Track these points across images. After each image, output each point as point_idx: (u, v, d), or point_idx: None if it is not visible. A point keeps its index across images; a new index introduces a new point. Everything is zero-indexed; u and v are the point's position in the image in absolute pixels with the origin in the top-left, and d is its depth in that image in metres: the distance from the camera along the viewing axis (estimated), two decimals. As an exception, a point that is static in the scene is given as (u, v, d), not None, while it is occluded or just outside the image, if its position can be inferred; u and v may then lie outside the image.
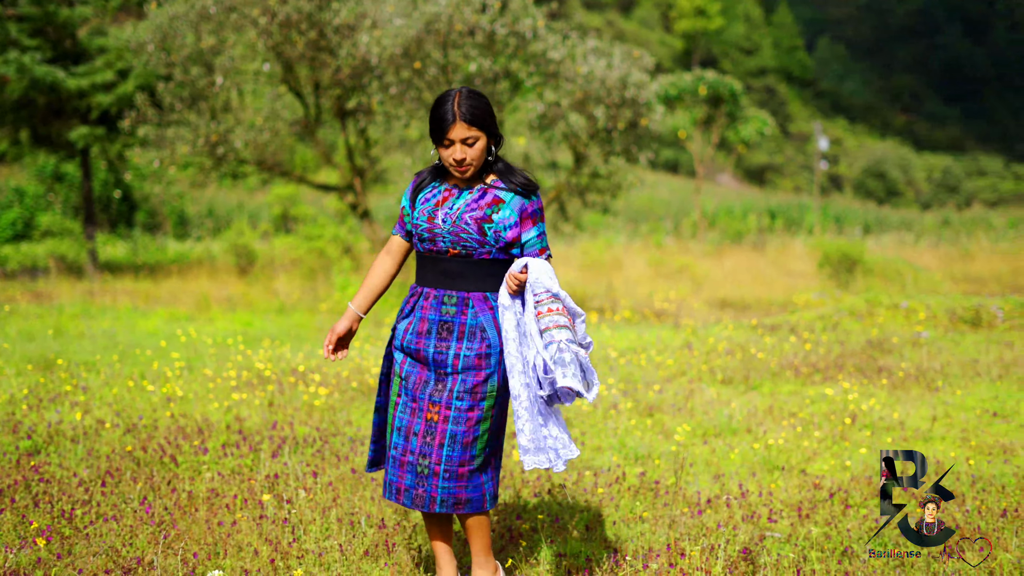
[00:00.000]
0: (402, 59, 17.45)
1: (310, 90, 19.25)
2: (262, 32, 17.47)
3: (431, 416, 4.98)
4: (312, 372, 10.60)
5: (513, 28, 17.58)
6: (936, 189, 77.06)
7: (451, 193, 5.04)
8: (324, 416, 8.86)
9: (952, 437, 8.49)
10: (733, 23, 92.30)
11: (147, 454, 7.33)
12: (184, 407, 8.95)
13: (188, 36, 17.73)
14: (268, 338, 13.71)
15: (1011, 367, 11.34)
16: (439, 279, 5.01)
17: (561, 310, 4.89)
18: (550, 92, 18.05)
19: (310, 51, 17.77)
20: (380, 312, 16.79)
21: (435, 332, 4.99)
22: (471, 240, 4.94)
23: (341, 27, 17.53)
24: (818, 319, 15.19)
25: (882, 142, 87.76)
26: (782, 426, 8.89)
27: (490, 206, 4.97)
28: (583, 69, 17.76)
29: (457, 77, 18.05)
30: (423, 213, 5.03)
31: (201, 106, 18.36)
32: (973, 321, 14.92)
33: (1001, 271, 28.25)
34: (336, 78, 18.00)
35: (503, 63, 18.06)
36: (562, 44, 18.06)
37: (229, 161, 18.69)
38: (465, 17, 17.22)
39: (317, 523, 6.11)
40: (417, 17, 17.26)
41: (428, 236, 5.00)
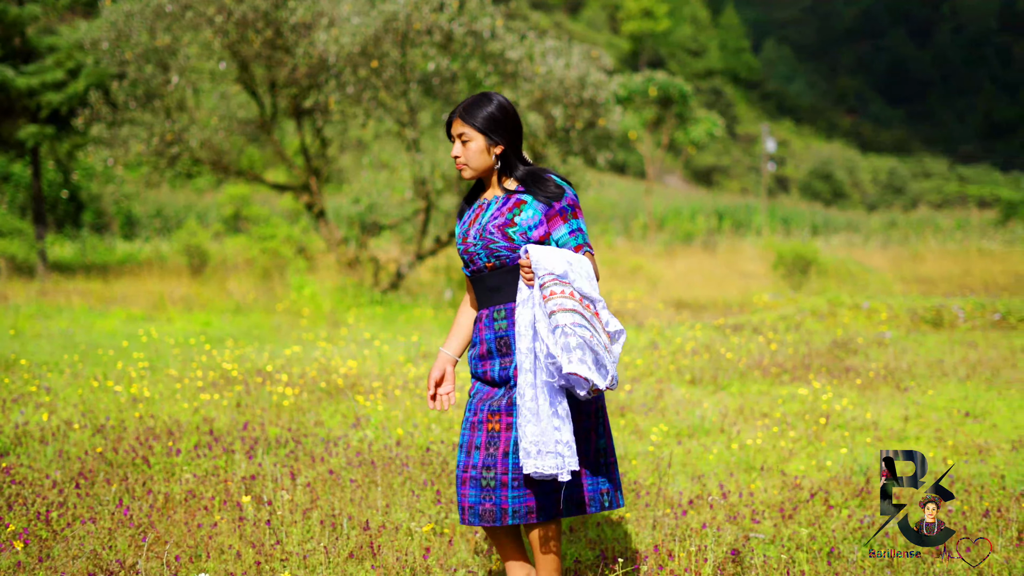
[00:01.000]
0: (360, 58, 17.35)
1: (265, 89, 19.10)
2: (218, 30, 17.33)
3: (492, 426, 4.81)
4: (278, 372, 10.49)
5: (471, 27, 17.51)
6: (882, 191, 77.56)
7: (481, 208, 4.91)
8: (293, 417, 8.77)
9: (927, 437, 8.50)
10: (680, 25, 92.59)
11: (118, 455, 7.22)
12: (151, 408, 8.83)
13: (143, 35, 17.55)
14: (230, 338, 13.60)
15: (977, 367, 11.39)
16: (487, 297, 4.87)
17: (569, 293, 4.61)
18: (508, 92, 17.98)
19: (266, 50, 17.64)
20: (338, 313, 16.70)
21: (495, 350, 4.84)
22: (501, 249, 4.78)
23: (298, 26, 17.41)
24: (780, 319, 15.21)
25: (828, 144, 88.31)
26: (756, 426, 8.87)
27: (511, 209, 4.80)
28: (542, 69, 17.72)
29: (415, 76, 17.98)
30: (459, 238, 4.95)
31: (155, 105, 18.19)
32: (935, 321, 14.99)
33: (951, 272, 28.39)
34: (293, 77, 17.88)
35: (461, 62, 17.99)
36: (520, 44, 18.00)
37: (183, 160, 18.52)
38: (423, 16, 17.15)
39: (299, 525, 6.03)
40: (375, 16, 17.17)
41: (467, 258, 4.89)
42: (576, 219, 4.81)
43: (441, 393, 5.02)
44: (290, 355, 11.63)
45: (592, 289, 4.71)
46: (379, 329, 15.13)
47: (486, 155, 4.84)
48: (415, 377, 10.47)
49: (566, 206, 4.79)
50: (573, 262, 4.67)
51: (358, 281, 18.73)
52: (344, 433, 8.20)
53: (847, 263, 27.27)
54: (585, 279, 4.68)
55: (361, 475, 6.95)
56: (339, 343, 13.19)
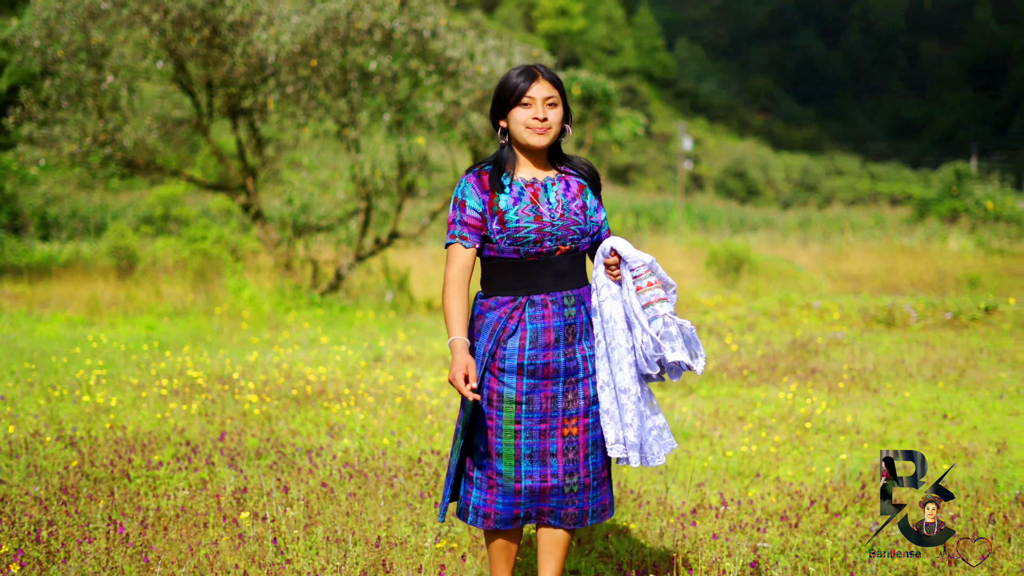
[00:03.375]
0: (299, 57, 17.11)
1: (201, 88, 18.78)
2: (154, 29, 17.00)
3: (569, 431, 4.69)
4: (243, 379, 10.25)
5: (412, 26, 17.33)
6: (795, 188, 78.06)
7: (535, 187, 4.71)
8: (264, 425, 8.55)
9: (910, 441, 8.46)
10: (595, 24, 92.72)
11: (96, 469, 6.98)
12: (118, 418, 8.58)
13: (76, 33, 17.17)
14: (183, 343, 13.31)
15: (941, 367, 11.42)
16: (554, 282, 4.67)
17: (658, 282, 4.64)
18: (450, 91, 17.82)
19: (203, 48, 17.34)
20: (277, 315, 16.45)
21: (563, 339, 4.67)
22: (579, 231, 4.68)
23: (236, 24, 17.13)
24: (733, 319, 15.19)
25: (741, 142, 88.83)
26: (738, 431, 8.78)
27: (581, 192, 4.74)
28: (483, 68, 17.57)
29: (355, 75, 17.76)
30: (526, 213, 4.64)
31: (88, 104, 17.80)
32: (887, 321, 15.03)
33: (876, 269, 28.58)
34: (231, 76, 17.58)
35: (402, 61, 17.80)
36: (461, 42, 17.84)
37: (117, 160, 18.15)
38: (365, 14, 16.93)
39: (301, 542, 5.84)
40: (315, 14, 16.94)
41: (535, 238, 4.62)
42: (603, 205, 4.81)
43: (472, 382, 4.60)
44: (252, 361, 11.40)
45: (664, 272, 4.73)
46: (321, 332, 14.92)
47: (560, 125, 4.71)
48: (384, 383, 10.29)
49: (599, 189, 4.83)
50: None
51: (297, 283, 18.47)
52: (324, 443, 8.01)
53: (777, 261, 27.40)
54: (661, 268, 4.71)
55: (355, 487, 6.77)
56: (293, 347, 12.96)
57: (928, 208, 45.53)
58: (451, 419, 8.98)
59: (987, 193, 42.49)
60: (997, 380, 10.80)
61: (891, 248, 33.35)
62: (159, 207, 27.99)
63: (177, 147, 19.82)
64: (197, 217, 26.42)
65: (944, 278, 24.84)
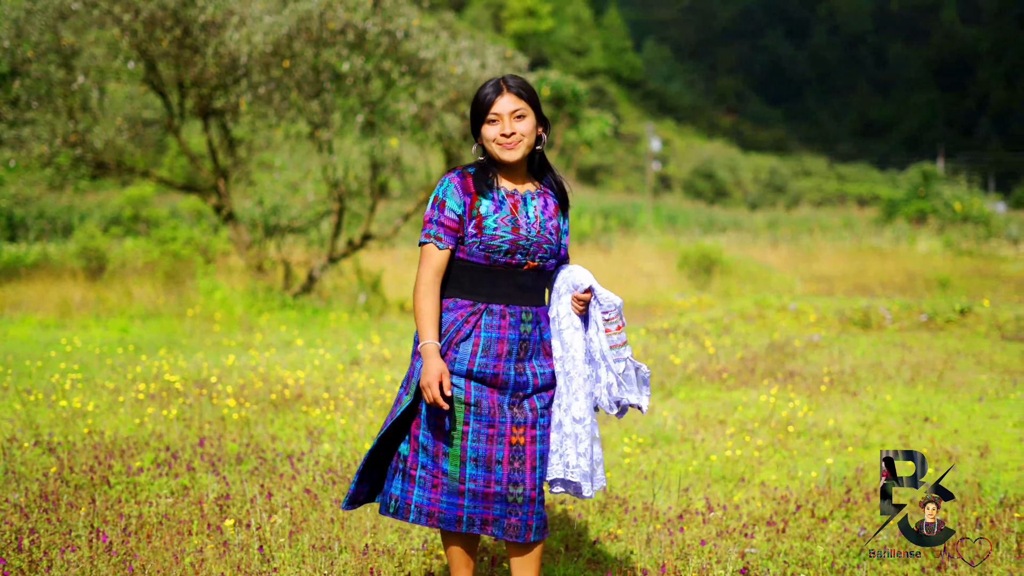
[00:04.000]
0: (272, 57, 17.01)
1: (172, 88, 18.64)
2: (125, 29, 16.86)
3: (516, 440, 4.62)
4: (220, 383, 10.16)
5: (385, 27, 17.25)
6: (763, 189, 78.26)
7: (515, 199, 4.68)
8: (243, 430, 8.47)
9: (892, 444, 8.44)
10: (563, 24, 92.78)
11: (76, 475, 6.90)
12: (95, 423, 8.49)
13: (46, 34, 17.02)
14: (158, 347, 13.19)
15: (920, 370, 11.42)
16: (515, 294, 4.66)
17: (625, 325, 4.74)
18: (423, 92, 17.76)
19: (175, 49, 17.20)
20: (250, 317, 16.35)
21: (515, 353, 4.64)
22: (549, 251, 4.68)
23: (208, 24, 17.00)
24: (709, 322, 15.19)
25: (709, 143, 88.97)
26: (720, 435, 8.75)
27: (556, 212, 4.75)
28: (457, 69, 17.51)
29: (327, 76, 17.68)
30: (504, 223, 4.61)
31: (58, 104, 17.65)
32: (863, 323, 15.06)
33: (846, 270, 28.71)
34: (202, 77, 17.46)
35: (375, 62, 17.72)
36: (434, 43, 17.77)
37: (87, 161, 18.00)
38: (337, 15, 16.85)
39: (287, 549, 5.78)
40: (288, 15, 16.84)
41: (508, 248, 4.60)
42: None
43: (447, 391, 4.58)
44: (229, 365, 11.30)
45: None
46: (296, 334, 14.84)
47: (534, 135, 4.68)
48: (363, 387, 10.22)
49: (567, 210, 4.84)
50: None
51: (269, 285, 18.36)
52: (305, 448, 7.93)
53: (748, 262, 27.46)
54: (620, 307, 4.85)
55: (339, 493, 6.72)
56: (270, 350, 12.87)
57: (896, 209, 45.71)
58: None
59: (955, 194, 42.67)
60: (976, 383, 10.82)
61: (860, 249, 33.50)
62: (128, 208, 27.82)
63: (147, 148, 19.67)
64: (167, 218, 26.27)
65: (914, 279, 24.95)
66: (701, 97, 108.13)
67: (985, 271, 27.96)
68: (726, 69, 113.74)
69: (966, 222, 40.31)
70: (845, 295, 19.81)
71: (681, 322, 15.35)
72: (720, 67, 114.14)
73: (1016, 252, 33.71)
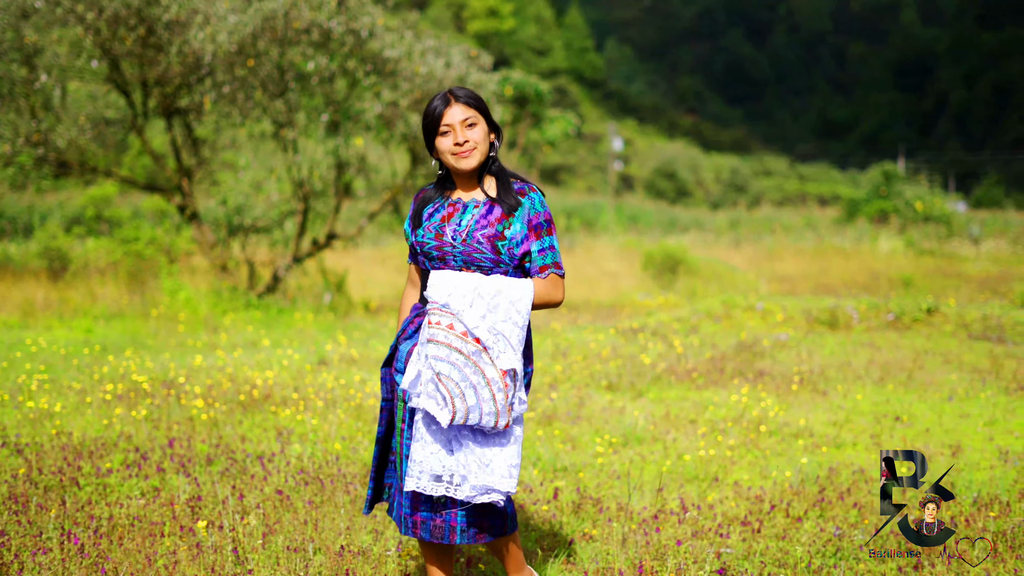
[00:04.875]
0: (236, 57, 16.91)
1: (137, 88, 18.49)
2: (88, 27, 16.73)
3: None
4: (188, 384, 10.08)
5: (349, 26, 17.19)
6: (725, 189, 78.40)
7: (456, 208, 4.76)
8: (212, 431, 8.40)
9: (864, 443, 8.45)
10: (525, 24, 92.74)
11: (44, 476, 6.83)
12: (62, 424, 8.40)
13: (8, 32, 16.86)
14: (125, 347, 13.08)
15: (889, 369, 11.45)
16: None
17: (448, 325, 4.57)
18: (388, 92, 17.70)
19: (138, 48, 17.07)
20: (214, 317, 16.25)
21: None
22: (485, 259, 4.68)
23: (172, 23, 16.88)
24: (676, 321, 15.18)
25: (671, 143, 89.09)
26: (689, 434, 8.74)
27: (500, 221, 4.71)
28: (422, 69, 17.47)
29: (292, 75, 17.60)
30: (429, 230, 4.74)
31: (20, 104, 17.49)
32: (830, 322, 15.08)
33: (809, 270, 28.81)
34: (166, 75, 17.34)
35: (340, 61, 17.65)
36: (399, 43, 17.72)
37: (50, 161, 17.85)
38: (302, 14, 16.77)
39: (259, 551, 5.72)
40: (252, 13, 16.74)
41: (438, 255, 4.71)
42: (549, 236, 4.77)
43: None
44: (196, 365, 11.22)
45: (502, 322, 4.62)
46: (261, 334, 14.76)
47: (486, 142, 4.75)
48: (332, 387, 10.16)
49: (543, 222, 4.77)
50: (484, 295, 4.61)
51: (233, 285, 18.26)
52: (275, 449, 7.87)
53: (712, 262, 27.52)
54: (479, 314, 4.60)
55: (311, 494, 6.67)
56: (236, 351, 12.78)
57: (857, 209, 45.88)
58: (403, 423, 8.89)
59: (917, 194, 42.87)
60: (946, 382, 10.84)
61: (823, 249, 33.64)
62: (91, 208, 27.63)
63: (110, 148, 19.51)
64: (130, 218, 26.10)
65: (877, 279, 25.05)
66: (662, 97, 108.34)
67: (947, 270, 28.11)
68: (687, 69, 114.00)
69: (927, 222, 40.53)
70: (809, 295, 19.85)
71: (649, 322, 15.35)
72: (681, 67, 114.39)
73: (977, 252, 33.92)
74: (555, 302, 4.80)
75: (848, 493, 6.96)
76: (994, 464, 7.73)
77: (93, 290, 18.07)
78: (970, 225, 42.12)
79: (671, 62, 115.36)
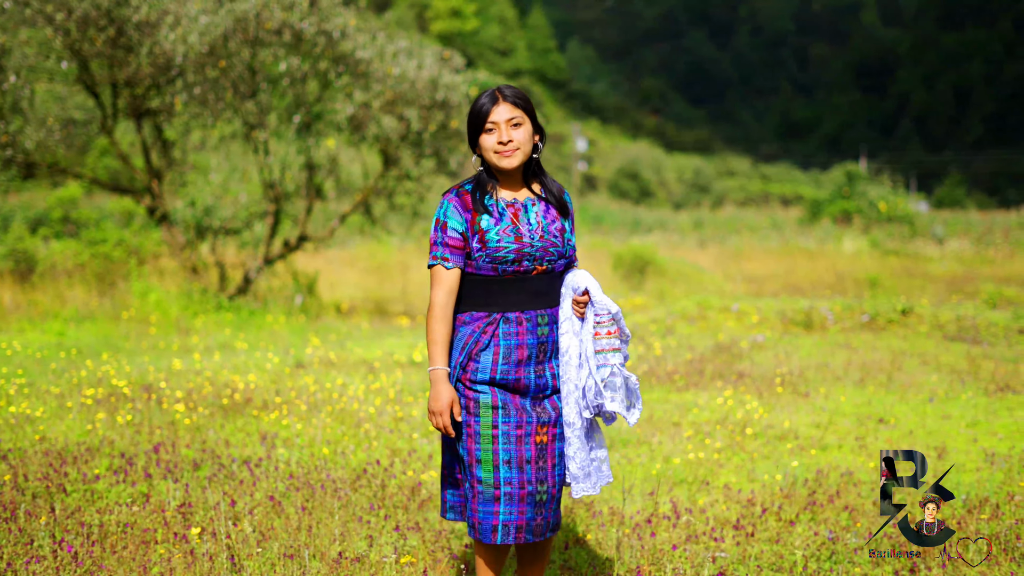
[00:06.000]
0: (208, 58, 16.82)
1: (106, 88, 18.34)
2: (58, 28, 16.59)
3: (541, 439, 4.67)
4: (170, 388, 10.00)
5: (321, 27, 17.13)
6: (688, 189, 78.50)
7: (515, 208, 4.73)
8: (195, 435, 8.34)
9: (850, 446, 8.47)
10: (488, 24, 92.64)
11: (31, 483, 6.77)
12: (45, 429, 8.32)
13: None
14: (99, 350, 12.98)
15: (868, 371, 11.48)
16: (528, 300, 4.70)
17: (617, 332, 4.73)
18: (360, 93, 17.63)
19: (108, 49, 16.94)
20: (185, 319, 16.16)
21: (535, 356, 4.70)
22: (556, 253, 4.70)
23: (142, 24, 16.77)
24: (651, 322, 15.20)
25: (634, 143, 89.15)
26: (674, 437, 8.73)
27: (558, 216, 4.78)
28: (394, 70, 17.41)
29: (263, 76, 17.52)
30: (507, 234, 4.65)
31: (-12, 106, 17.34)
32: (805, 324, 15.12)
33: (776, 271, 28.88)
34: (136, 77, 17.22)
35: (311, 63, 17.59)
36: (371, 44, 17.66)
37: (18, 163, 17.70)
38: (274, 15, 16.70)
39: (256, 558, 5.68)
40: (224, 14, 16.65)
41: (514, 257, 4.64)
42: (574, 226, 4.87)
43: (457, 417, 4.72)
44: (175, 369, 11.14)
45: (624, 323, 4.83)
46: (233, 337, 14.68)
47: (530, 143, 4.74)
48: (314, 391, 10.11)
49: (572, 214, 4.87)
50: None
51: (203, 287, 18.15)
52: (261, 453, 7.83)
53: (679, 263, 27.54)
54: (622, 317, 4.81)
55: (302, 500, 6.63)
56: (214, 354, 12.70)
57: (820, 209, 46.04)
58: (388, 427, 8.87)
59: (880, 194, 43.04)
60: (925, 383, 10.89)
61: (788, 249, 33.73)
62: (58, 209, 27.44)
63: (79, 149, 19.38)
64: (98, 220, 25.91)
65: (843, 279, 25.14)
66: (625, 98, 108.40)
67: (913, 271, 28.23)
68: (649, 70, 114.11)
69: (891, 222, 40.69)
70: (778, 295, 19.91)
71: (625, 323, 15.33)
72: (643, 68, 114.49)
73: (941, 252, 34.09)
74: None
75: (837, 496, 6.97)
76: (980, 466, 7.75)
77: (61, 292, 17.94)
78: (933, 225, 42.32)
79: (634, 63, 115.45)
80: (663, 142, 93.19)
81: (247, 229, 20.30)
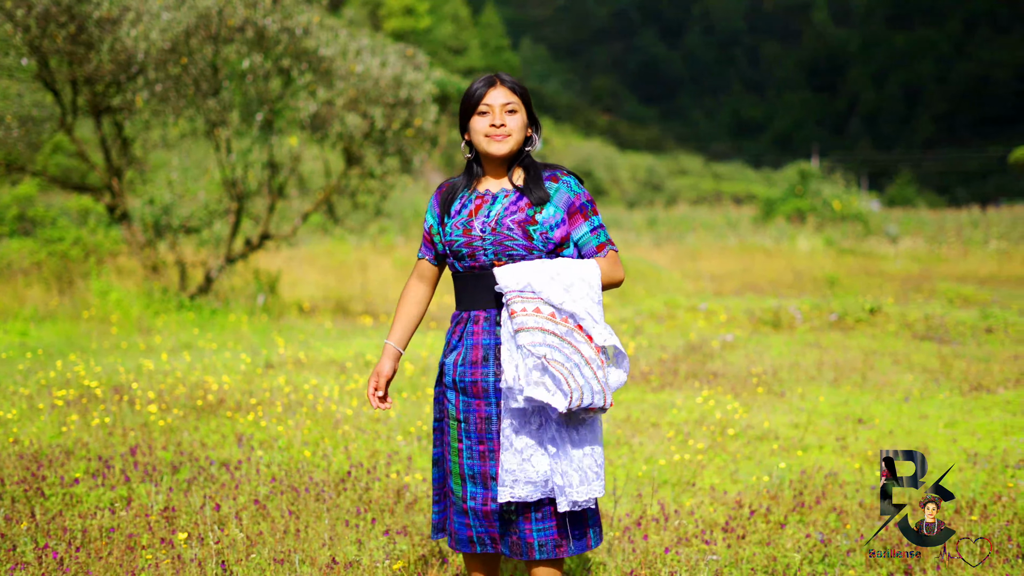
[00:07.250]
0: (170, 55, 16.67)
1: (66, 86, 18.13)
2: (18, 25, 16.40)
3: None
4: (142, 389, 9.87)
5: (284, 24, 17.01)
6: (641, 188, 78.69)
7: (484, 200, 4.53)
8: (170, 437, 8.23)
9: (831, 446, 8.45)
10: (441, 23, 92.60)
11: (8, 487, 6.64)
12: (17, 431, 8.19)
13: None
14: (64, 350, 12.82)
15: (842, 370, 11.50)
16: (486, 297, 4.50)
17: (535, 309, 4.29)
18: (323, 90, 17.52)
19: (68, 45, 16.76)
20: (146, 319, 16.00)
21: (492, 357, 4.47)
22: (517, 247, 4.43)
23: (103, 20, 16.59)
24: (620, 322, 15.17)
25: (587, 142, 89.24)
26: (654, 438, 8.69)
27: (531, 206, 4.47)
28: (358, 68, 17.31)
29: (226, 74, 17.38)
30: (457, 227, 4.51)
31: (-54, 103, 17.15)
32: (774, 323, 15.14)
33: (733, 269, 28.96)
34: (97, 74, 17.04)
35: (275, 60, 17.46)
36: (334, 41, 17.55)
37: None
38: (237, 12, 16.56)
39: (244, 563, 5.59)
40: (186, 11, 16.51)
41: (467, 251, 4.48)
42: (596, 216, 4.57)
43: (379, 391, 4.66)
44: (145, 370, 11.01)
45: (581, 299, 4.37)
46: (197, 336, 14.55)
47: (522, 132, 4.57)
48: (288, 391, 10.02)
49: (586, 203, 4.54)
50: (558, 274, 4.36)
51: (164, 286, 17.98)
52: (238, 455, 7.73)
53: (638, 262, 27.53)
54: (562, 289, 4.35)
55: (287, 503, 6.54)
56: (183, 354, 12.56)
57: (774, 208, 46.17)
58: (366, 429, 8.80)
59: (834, 193, 43.24)
60: (900, 383, 10.90)
61: (745, 248, 33.85)
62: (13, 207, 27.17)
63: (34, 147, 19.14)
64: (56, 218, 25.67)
65: (801, 278, 25.24)
66: (578, 96, 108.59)
67: (870, 269, 28.39)
68: (601, 68, 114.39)
69: (844, 221, 40.90)
70: (738, 294, 19.95)
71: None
72: (595, 66, 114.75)
73: (896, 250, 34.32)
74: (619, 280, 4.59)
75: (824, 497, 6.94)
76: (963, 467, 7.74)
77: (19, 292, 17.73)
78: (887, 224, 42.55)
79: (586, 61, 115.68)
80: (616, 141, 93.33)
81: (207, 227, 20.13)
